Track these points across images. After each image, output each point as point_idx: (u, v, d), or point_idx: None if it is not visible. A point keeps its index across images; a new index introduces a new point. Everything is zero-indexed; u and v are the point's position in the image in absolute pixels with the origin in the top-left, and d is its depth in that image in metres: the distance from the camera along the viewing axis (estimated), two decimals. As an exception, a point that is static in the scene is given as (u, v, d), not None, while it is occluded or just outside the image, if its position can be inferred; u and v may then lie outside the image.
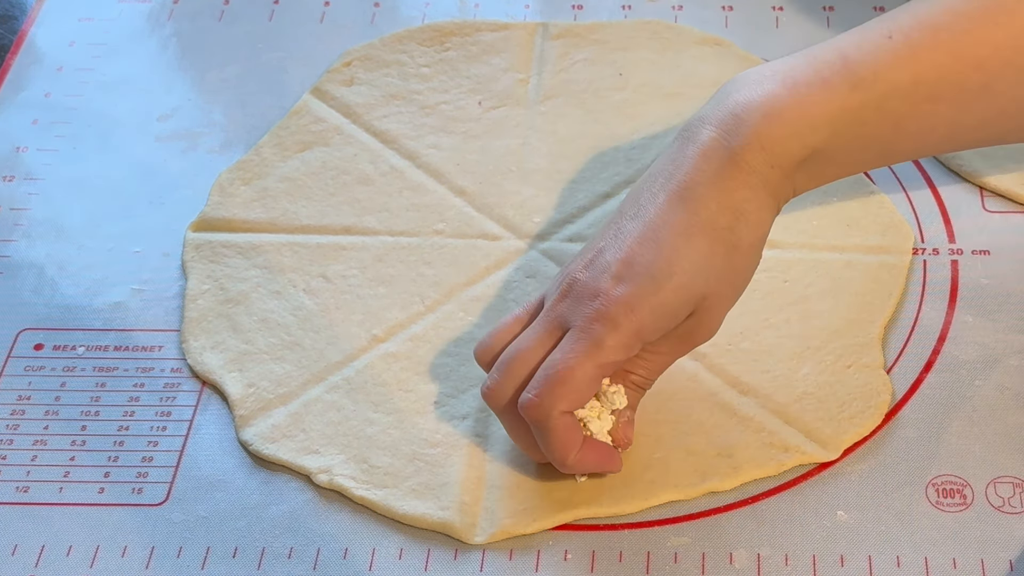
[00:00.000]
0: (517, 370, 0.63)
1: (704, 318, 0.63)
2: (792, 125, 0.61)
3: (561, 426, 0.62)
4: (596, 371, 0.61)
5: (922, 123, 0.63)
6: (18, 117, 0.87)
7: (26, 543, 0.66)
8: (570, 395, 0.61)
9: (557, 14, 0.92)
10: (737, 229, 0.62)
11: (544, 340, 0.63)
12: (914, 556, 0.63)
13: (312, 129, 0.84)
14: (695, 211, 0.62)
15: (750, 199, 0.62)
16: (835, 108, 0.61)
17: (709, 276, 0.62)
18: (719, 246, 0.62)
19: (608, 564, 0.64)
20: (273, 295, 0.75)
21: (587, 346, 0.61)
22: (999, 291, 0.74)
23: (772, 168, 0.62)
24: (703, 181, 0.62)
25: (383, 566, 0.64)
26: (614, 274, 0.62)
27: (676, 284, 0.61)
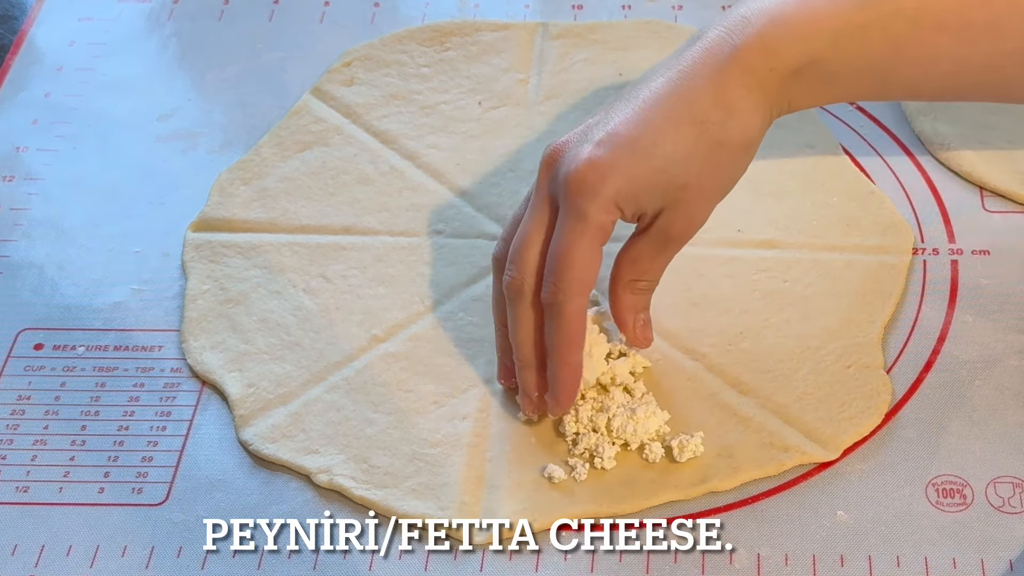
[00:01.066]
0: (525, 256, 0.65)
1: (683, 211, 0.64)
2: (796, 30, 0.62)
3: (571, 312, 0.64)
4: (590, 245, 0.63)
5: (924, 51, 0.63)
6: (18, 117, 0.87)
7: (26, 543, 0.66)
8: (577, 277, 0.63)
9: (557, 14, 0.92)
10: (727, 125, 0.62)
11: (540, 219, 0.64)
12: (914, 556, 0.63)
13: (312, 129, 0.84)
14: (688, 100, 0.62)
15: (744, 98, 0.62)
16: (840, 21, 0.62)
17: (691, 166, 0.62)
18: (706, 138, 0.62)
19: (608, 564, 0.64)
20: (273, 295, 0.75)
21: (574, 224, 0.63)
22: (999, 291, 0.74)
23: (771, 71, 0.62)
24: (702, 74, 0.62)
25: (383, 566, 0.64)
26: (596, 142, 0.63)
27: (656, 164, 0.62)
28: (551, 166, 0.64)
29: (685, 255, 0.75)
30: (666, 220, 0.64)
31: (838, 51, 0.62)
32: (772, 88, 0.63)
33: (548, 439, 0.68)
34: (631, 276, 0.66)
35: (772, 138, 0.81)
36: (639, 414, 0.66)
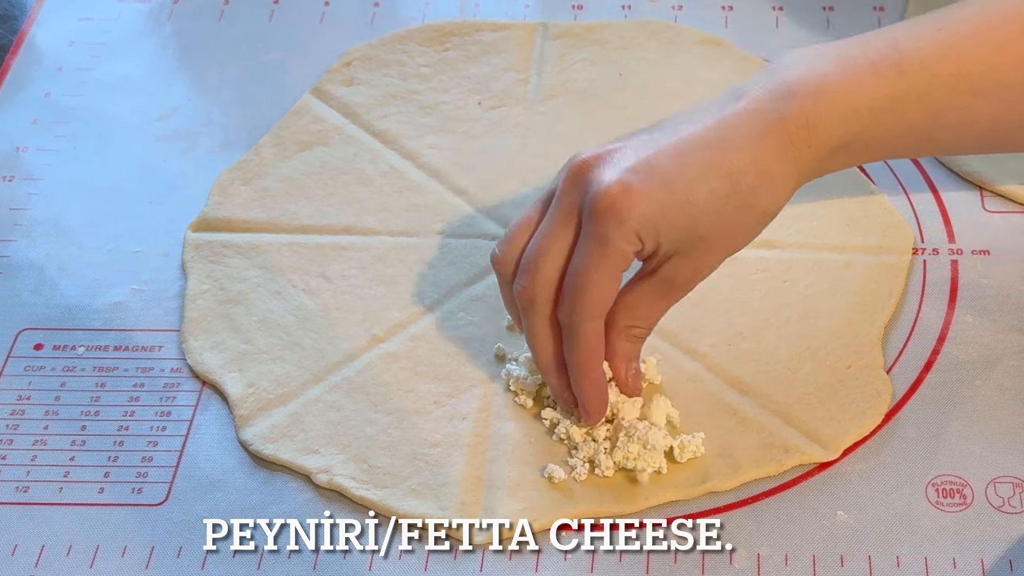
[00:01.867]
0: (543, 267, 0.64)
1: (693, 260, 0.64)
2: (839, 110, 0.62)
3: (588, 333, 0.64)
4: (610, 271, 0.63)
5: (962, 116, 0.64)
6: (18, 117, 0.87)
7: (26, 543, 0.66)
8: (595, 301, 0.63)
9: (557, 14, 0.92)
10: (759, 191, 0.62)
11: (560, 231, 0.64)
12: (914, 556, 0.63)
13: (312, 129, 0.84)
14: (728, 156, 0.62)
15: (780, 170, 0.63)
16: (881, 94, 0.62)
17: (716, 220, 0.62)
18: (736, 198, 0.62)
19: (608, 564, 0.64)
20: (273, 295, 0.75)
21: (596, 247, 0.62)
22: (999, 291, 0.74)
23: (810, 148, 0.63)
24: (744, 134, 0.62)
25: (383, 566, 0.64)
26: (630, 168, 0.62)
27: (686, 208, 0.62)
28: (578, 180, 0.64)
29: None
30: (673, 266, 0.64)
31: (878, 125, 0.63)
32: (808, 163, 0.63)
33: (548, 439, 0.68)
34: (627, 322, 0.66)
35: (772, 138, 0.81)
36: (650, 443, 0.66)
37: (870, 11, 0.90)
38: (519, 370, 0.70)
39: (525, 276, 0.65)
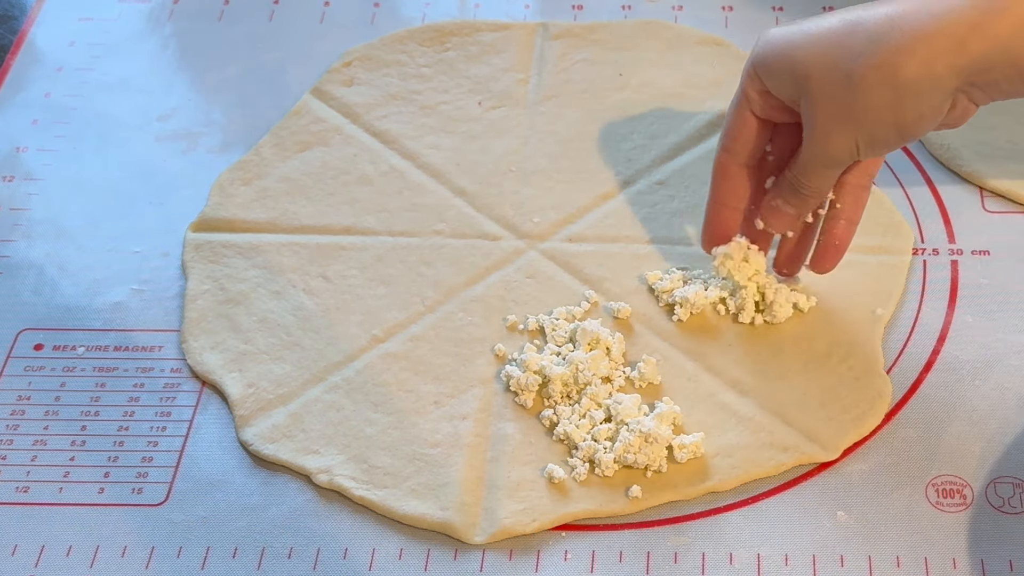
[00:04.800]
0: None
1: (806, 115, 0.65)
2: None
3: (716, 160, 0.70)
4: (737, 106, 0.68)
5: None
6: (18, 117, 0.87)
7: (26, 543, 0.66)
8: (725, 133, 0.69)
9: (557, 14, 0.92)
10: (881, 41, 0.61)
11: None
12: (914, 556, 0.63)
13: (312, 129, 0.84)
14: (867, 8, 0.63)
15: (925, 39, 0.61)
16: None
17: (819, 57, 0.63)
18: (848, 40, 0.62)
19: (608, 564, 0.64)
20: (273, 295, 0.75)
21: (737, 90, 0.68)
22: (999, 291, 0.74)
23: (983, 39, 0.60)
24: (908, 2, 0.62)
25: (383, 566, 0.64)
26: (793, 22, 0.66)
27: (794, 39, 0.64)
28: None
29: (686, 255, 0.75)
30: (803, 120, 0.65)
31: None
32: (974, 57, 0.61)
33: (548, 439, 0.68)
34: (789, 167, 0.68)
35: (772, 138, 0.81)
36: (651, 436, 0.66)
37: (870, 11, 0.90)
38: (519, 370, 0.70)
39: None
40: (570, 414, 0.68)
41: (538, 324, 0.73)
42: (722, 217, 0.71)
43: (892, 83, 0.61)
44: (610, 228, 0.77)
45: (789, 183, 0.68)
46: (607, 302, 0.74)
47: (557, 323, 0.72)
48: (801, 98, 0.65)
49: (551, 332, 0.72)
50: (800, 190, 0.68)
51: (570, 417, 0.68)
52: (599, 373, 0.69)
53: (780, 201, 0.69)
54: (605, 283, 0.75)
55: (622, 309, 0.73)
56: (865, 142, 0.64)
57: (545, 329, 0.72)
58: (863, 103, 0.63)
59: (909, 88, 0.61)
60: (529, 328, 0.73)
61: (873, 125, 0.63)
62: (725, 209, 0.71)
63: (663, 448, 0.66)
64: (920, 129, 0.63)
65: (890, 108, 0.62)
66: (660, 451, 0.66)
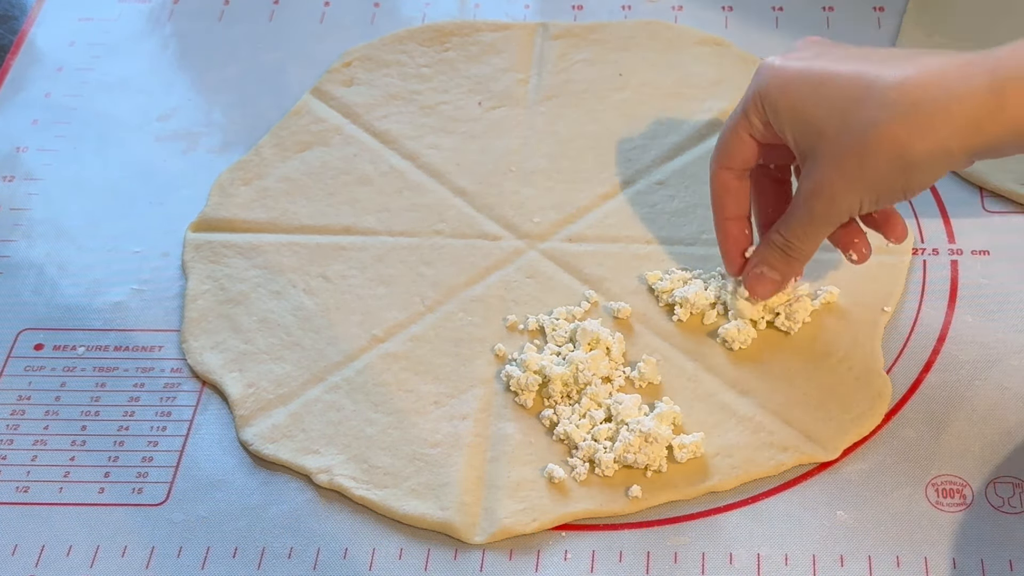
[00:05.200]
0: None
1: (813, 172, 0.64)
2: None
3: (713, 178, 0.70)
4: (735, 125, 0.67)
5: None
6: (18, 117, 0.87)
7: (26, 543, 0.66)
8: (719, 149, 0.69)
9: (557, 14, 0.92)
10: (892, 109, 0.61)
11: None
12: (914, 556, 0.63)
13: (312, 129, 0.84)
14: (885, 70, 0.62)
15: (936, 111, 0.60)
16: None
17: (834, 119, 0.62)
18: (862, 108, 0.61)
19: (608, 564, 0.64)
20: (273, 295, 0.75)
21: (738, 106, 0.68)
22: (999, 291, 0.74)
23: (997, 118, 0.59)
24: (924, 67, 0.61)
25: (383, 566, 0.64)
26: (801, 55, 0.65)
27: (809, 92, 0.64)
28: None
29: (686, 255, 0.75)
30: (804, 174, 0.65)
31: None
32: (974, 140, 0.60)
33: (548, 439, 0.68)
34: (775, 226, 0.68)
35: (772, 138, 0.81)
36: (651, 436, 0.66)
37: (870, 11, 0.90)
38: (519, 370, 0.70)
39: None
40: (570, 414, 0.68)
41: (538, 324, 0.73)
42: (737, 230, 0.71)
43: (905, 156, 0.61)
44: (610, 228, 0.77)
45: (778, 247, 0.68)
46: (607, 302, 0.74)
47: (557, 323, 0.72)
48: (807, 152, 0.64)
49: (551, 332, 0.72)
50: (789, 252, 0.68)
51: (570, 417, 0.68)
52: (599, 373, 0.69)
53: (766, 268, 0.69)
54: (605, 283, 0.75)
55: (622, 309, 0.73)
56: (870, 202, 0.64)
57: (545, 329, 0.72)
58: (873, 168, 0.62)
59: (922, 163, 0.61)
60: (529, 328, 0.73)
61: (881, 188, 0.63)
62: (737, 222, 0.70)
63: (663, 448, 0.66)
64: (923, 188, 0.64)
65: (900, 175, 0.62)
66: (660, 451, 0.66)
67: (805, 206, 0.65)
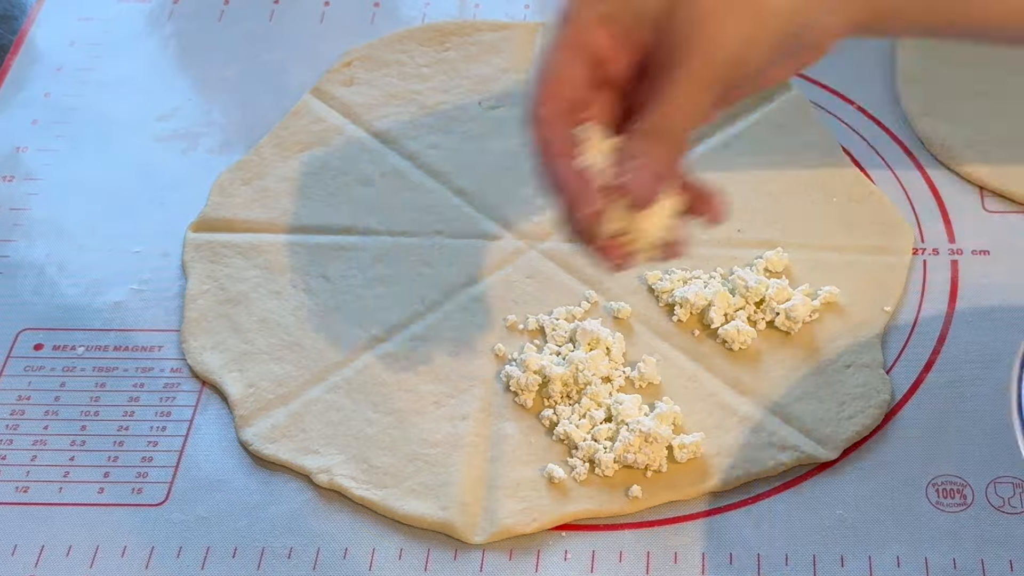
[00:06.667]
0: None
1: (692, 12, 0.56)
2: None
3: (540, 121, 0.58)
4: (567, 47, 0.57)
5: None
6: (18, 117, 0.87)
7: (26, 543, 0.66)
8: (547, 82, 0.58)
9: (557, 14, 0.92)
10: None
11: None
12: (914, 556, 0.63)
13: (312, 129, 0.84)
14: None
15: None
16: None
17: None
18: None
19: (608, 564, 0.64)
20: (273, 295, 0.75)
21: (557, 25, 0.58)
22: (999, 291, 0.74)
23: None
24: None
25: (383, 566, 0.64)
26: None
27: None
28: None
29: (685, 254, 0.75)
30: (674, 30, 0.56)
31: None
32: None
33: (548, 439, 0.68)
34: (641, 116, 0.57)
35: (772, 139, 0.81)
36: (651, 436, 0.66)
37: (870, 11, 0.90)
38: (519, 370, 0.70)
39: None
40: (570, 414, 0.68)
41: (538, 324, 0.73)
42: (575, 171, 0.57)
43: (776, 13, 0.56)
44: (610, 228, 0.77)
45: (650, 132, 0.57)
46: (607, 302, 0.74)
47: (557, 323, 0.72)
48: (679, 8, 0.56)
49: (551, 332, 0.72)
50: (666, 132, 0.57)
51: (570, 417, 0.68)
52: (599, 373, 0.69)
53: (641, 157, 0.57)
54: (605, 283, 0.75)
55: (622, 309, 0.73)
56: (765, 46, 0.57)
57: (545, 329, 0.72)
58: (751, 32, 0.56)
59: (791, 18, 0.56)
60: (529, 328, 0.73)
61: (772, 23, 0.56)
62: (571, 162, 0.58)
63: (663, 448, 0.66)
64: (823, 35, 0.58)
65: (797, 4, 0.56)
66: (660, 451, 0.66)
67: (689, 61, 0.56)
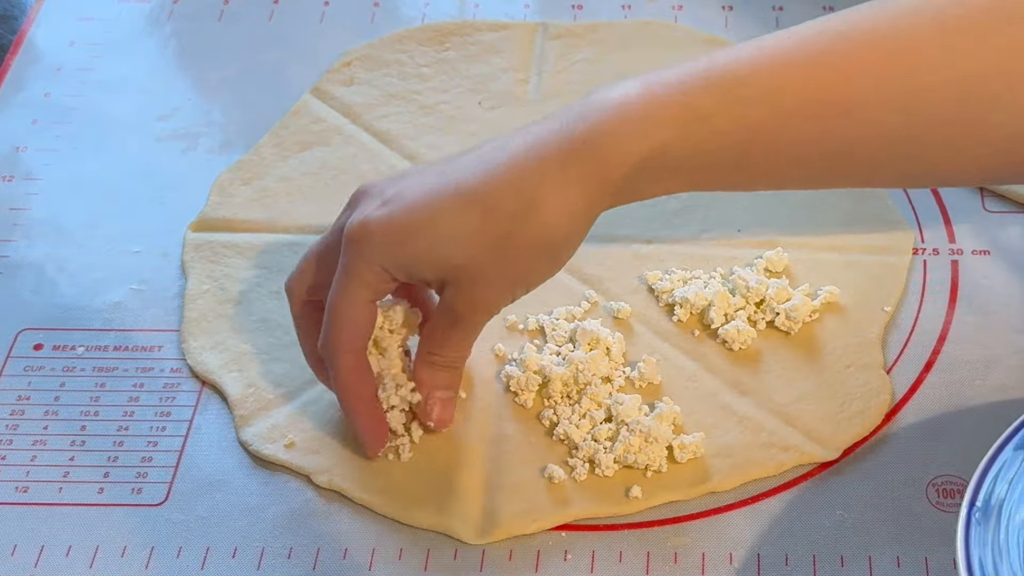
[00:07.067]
0: (298, 296, 0.66)
1: (464, 291, 0.62)
2: (634, 123, 0.59)
3: (342, 367, 0.64)
4: (357, 301, 0.62)
5: (778, 135, 0.59)
6: (18, 117, 0.87)
7: (26, 543, 0.65)
8: (345, 333, 0.63)
9: (557, 14, 0.92)
10: (523, 219, 0.60)
11: (325, 253, 0.65)
12: (914, 556, 0.63)
13: (312, 129, 0.84)
14: (488, 184, 0.60)
15: (554, 194, 0.59)
16: (685, 108, 0.59)
17: (469, 250, 0.61)
18: (492, 226, 0.60)
19: (608, 564, 0.64)
20: (273, 295, 0.75)
21: (343, 278, 0.62)
22: (999, 291, 0.74)
23: (600, 167, 0.59)
24: (518, 159, 0.60)
25: (383, 566, 0.64)
26: (384, 200, 0.62)
27: (427, 241, 0.61)
28: (350, 206, 0.65)
29: (685, 254, 0.75)
30: (450, 295, 0.63)
31: (685, 143, 0.59)
32: (599, 185, 0.59)
33: (548, 439, 0.68)
34: (426, 348, 0.66)
35: (772, 138, 0.81)
36: (651, 436, 0.66)
37: (870, 11, 0.90)
38: (519, 370, 0.70)
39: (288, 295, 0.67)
40: (570, 414, 0.68)
41: (538, 324, 0.73)
42: (375, 412, 0.66)
43: (550, 244, 0.61)
44: (610, 228, 0.77)
45: (445, 367, 0.66)
46: (607, 302, 0.74)
47: (557, 323, 0.72)
48: (451, 280, 0.62)
49: (551, 332, 0.72)
50: (456, 365, 0.66)
51: (570, 417, 0.68)
52: (599, 373, 0.69)
53: (441, 392, 0.66)
54: (605, 283, 0.75)
55: (622, 309, 0.73)
56: (524, 291, 0.64)
57: (545, 329, 0.72)
58: (525, 268, 0.62)
59: (567, 240, 0.61)
60: (529, 328, 0.73)
61: (533, 277, 0.63)
62: (373, 403, 0.66)
63: (663, 448, 0.66)
64: (570, 256, 0.63)
65: (551, 260, 0.62)
66: (660, 451, 0.66)
67: (464, 320, 0.63)
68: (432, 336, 0.66)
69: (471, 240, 0.60)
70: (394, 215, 0.61)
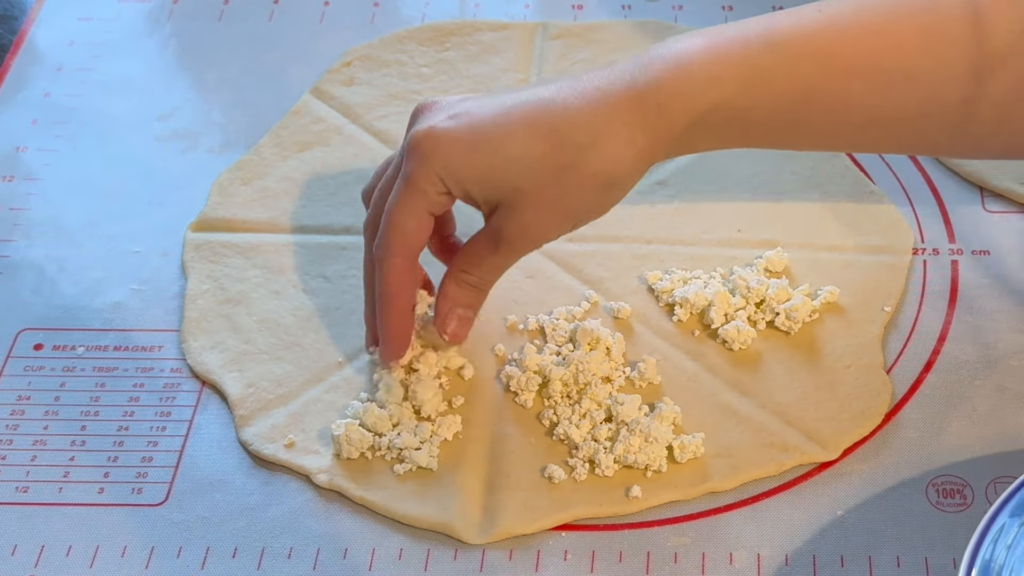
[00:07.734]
0: (375, 204, 0.67)
1: (516, 215, 0.63)
2: (699, 77, 0.61)
3: (390, 269, 0.65)
4: (413, 209, 0.64)
5: (834, 97, 0.62)
6: (18, 117, 0.87)
7: (26, 543, 0.65)
8: (397, 237, 0.64)
9: (557, 14, 0.92)
10: (588, 151, 0.62)
11: (393, 171, 0.66)
12: (914, 556, 0.63)
13: (312, 129, 0.84)
14: (556, 114, 0.62)
15: (619, 132, 0.61)
16: (747, 65, 0.61)
17: (532, 175, 0.62)
18: (558, 156, 0.62)
19: (608, 564, 0.64)
20: (273, 295, 0.75)
21: (401, 187, 0.64)
22: (999, 291, 0.74)
23: (664, 115, 0.61)
24: (587, 96, 0.62)
25: (383, 566, 0.64)
26: (452, 114, 0.63)
27: (493, 160, 0.62)
28: (413, 120, 0.65)
29: (685, 254, 0.75)
30: (500, 218, 0.64)
31: (744, 96, 0.61)
32: (662, 132, 0.62)
33: (548, 439, 0.68)
34: (460, 266, 0.66)
35: (772, 138, 0.81)
36: (651, 436, 0.66)
37: (870, 11, 0.90)
38: (519, 370, 0.70)
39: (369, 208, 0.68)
40: (570, 414, 0.68)
41: (538, 324, 0.73)
42: (406, 323, 0.68)
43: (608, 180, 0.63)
44: (610, 228, 0.77)
45: (471, 286, 0.67)
46: (607, 302, 0.74)
47: (557, 323, 0.72)
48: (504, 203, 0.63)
49: (551, 332, 0.72)
50: (483, 288, 0.67)
51: (570, 417, 0.68)
52: (599, 373, 0.69)
53: (461, 309, 0.67)
54: (605, 283, 0.75)
55: (622, 309, 0.73)
56: (571, 228, 0.65)
57: (545, 329, 0.72)
58: (577, 202, 0.63)
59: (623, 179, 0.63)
60: (529, 328, 0.73)
61: (582, 215, 0.65)
62: (407, 315, 0.68)
63: (663, 448, 0.66)
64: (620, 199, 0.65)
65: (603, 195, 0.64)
66: (660, 451, 0.66)
67: (508, 245, 0.65)
68: (468, 255, 0.66)
69: (536, 165, 0.62)
70: (462, 127, 0.62)
